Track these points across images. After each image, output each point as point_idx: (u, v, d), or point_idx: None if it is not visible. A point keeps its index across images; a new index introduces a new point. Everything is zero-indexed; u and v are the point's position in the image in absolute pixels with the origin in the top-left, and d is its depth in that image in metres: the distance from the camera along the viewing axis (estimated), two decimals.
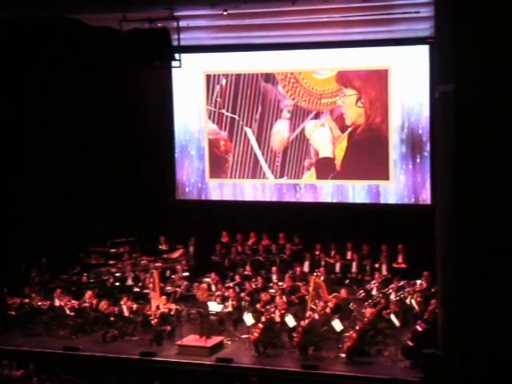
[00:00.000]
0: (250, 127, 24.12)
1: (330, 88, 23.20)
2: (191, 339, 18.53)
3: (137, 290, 21.19)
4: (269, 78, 23.86)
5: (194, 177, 24.68)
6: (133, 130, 24.59)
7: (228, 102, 24.30)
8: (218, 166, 24.50)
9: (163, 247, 23.44)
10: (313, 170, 23.46)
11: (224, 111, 24.39)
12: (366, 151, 22.91)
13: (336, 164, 23.20)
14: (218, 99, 24.45)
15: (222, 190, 24.50)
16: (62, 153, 23.58)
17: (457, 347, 14.97)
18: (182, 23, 17.60)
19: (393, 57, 22.42)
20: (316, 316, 18.02)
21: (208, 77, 24.26)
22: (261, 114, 23.97)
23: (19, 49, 21.72)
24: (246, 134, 24.17)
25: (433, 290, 18.76)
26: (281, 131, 23.86)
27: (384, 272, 21.13)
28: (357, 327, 17.59)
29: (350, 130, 23.00)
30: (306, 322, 17.74)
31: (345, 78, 23.08)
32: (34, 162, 22.99)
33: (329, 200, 23.43)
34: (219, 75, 24.21)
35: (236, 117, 24.25)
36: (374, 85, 22.76)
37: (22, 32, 21.12)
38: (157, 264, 22.03)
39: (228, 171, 24.39)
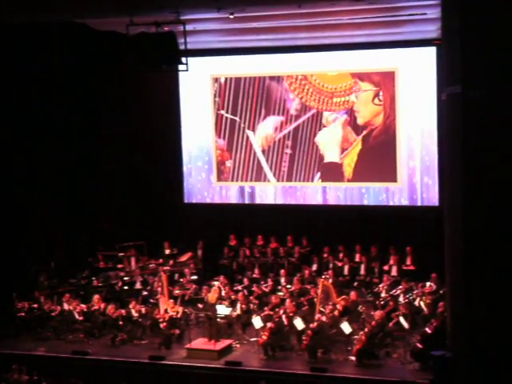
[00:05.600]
0: (253, 130, 24.01)
1: (342, 85, 22.82)
2: (200, 342, 18.54)
3: (145, 293, 21.19)
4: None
5: (202, 180, 24.65)
6: (140, 134, 24.61)
7: (228, 102, 24.00)
8: (222, 171, 24.47)
9: (167, 252, 23.39)
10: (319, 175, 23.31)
11: (223, 112, 24.14)
12: (379, 155, 22.67)
13: (344, 171, 22.93)
14: (217, 99, 24.22)
15: (229, 193, 24.48)
16: (69, 157, 23.63)
17: (466, 349, 14.94)
18: (189, 27, 17.62)
19: (400, 59, 22.34)
20: (325, 319, 18.00)
21: (215, 80, 24.22)
22: (264, 116, 23.78)
23: (26, 53, 21.77)
24: (247, 137, 23.95)
25: (441, 292, 18.73)
26: (267, 127, 23.52)
27: (394, 273, 21.11)
28: (366, 329, 17.55)
29: (364, 132, 22.65)
30: (315, 324, 17.73)
31: (362, 71, 22.67)
32: (42, 166, 23.01)
33: (337, 202, 23.37)
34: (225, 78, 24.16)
35: (237, 118, 24.09)
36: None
37: (28, 37, 21.15)
38: (165, 267, 22.03)
39: (229, 179, 24.27)
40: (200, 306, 20.20)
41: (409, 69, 22.23)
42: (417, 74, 22.14)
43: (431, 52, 21.78)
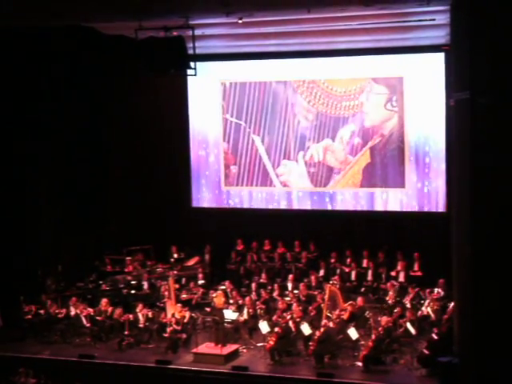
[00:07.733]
0: (259, 135, 23.92)
1: (352, 89, 22.70)
2: (206, 347, 18.52)
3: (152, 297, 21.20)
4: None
5: (210, 184, 24.64)
6: (148, 138, 24.64)
7: (233, 107, 23.92)
8: (227, 175, 24.41)
9: (175, 256, 23.40)
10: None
11: (228, 116, 24.07)
12: (387, 160, 22.60)
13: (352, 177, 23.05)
14: (222, 103, 24.22)
15: (237, 197, 24.46)
16: (76, 161, 23.67)
17: (473, 355, 14.92)
18: (198, 32, 17.64)
19: (408, 64, 22.29)
20: (331, 324, 17.97)
21: (223, 85, 24.21)
22: (271, 120, 23.72)
23: (34, 58, 21.82)
24: (253, 142, 23.88)
25: (449, 299, 18.65)
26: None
27: (401, 279, 21.05)
28: (372, 335, 17.53)
29: (375, 137, 22.46)
30: (322, 330, 17.69)
31: (370, 78, 22.47)
32: (49, 170, 23.05)
33: (344, 208, 23.35)
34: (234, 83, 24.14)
35: (242, 123, 24.07)
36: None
37: (36, 41, 21.20)
38: (172, 272, 22.02)
39: (234, 184, 24.21)
40: (207, 310, 20.21)
41: (417, 74, 22.18)
42: (425, 79, 22.08)
43: (440, 58, 21.73)
